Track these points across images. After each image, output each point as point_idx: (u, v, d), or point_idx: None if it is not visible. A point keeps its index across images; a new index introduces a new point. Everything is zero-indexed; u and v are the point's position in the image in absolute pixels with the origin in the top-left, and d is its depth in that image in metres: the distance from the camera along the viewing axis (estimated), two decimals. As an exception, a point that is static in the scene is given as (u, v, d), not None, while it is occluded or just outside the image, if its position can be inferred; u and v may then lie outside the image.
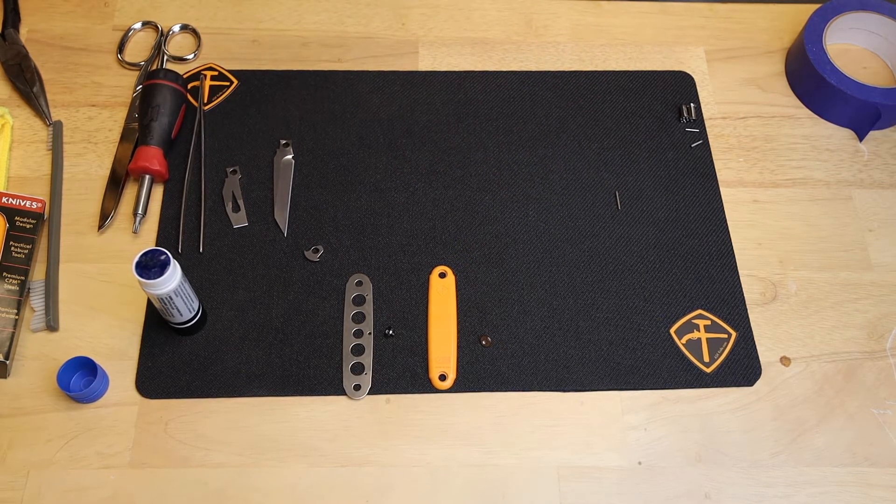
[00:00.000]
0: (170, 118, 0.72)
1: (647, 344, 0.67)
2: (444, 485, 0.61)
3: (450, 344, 0.66)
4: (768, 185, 0.75)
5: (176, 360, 0.65)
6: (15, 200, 0.68)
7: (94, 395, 0.63)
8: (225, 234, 0.71)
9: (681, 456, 0.63)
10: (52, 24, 0.82)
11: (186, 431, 0.62)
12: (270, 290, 0.68)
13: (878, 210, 0.75)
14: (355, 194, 0.73)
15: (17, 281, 0.66)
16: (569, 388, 0.65)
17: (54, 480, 0.60)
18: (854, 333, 0.68)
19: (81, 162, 0.74)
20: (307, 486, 0.61)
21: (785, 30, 0.85)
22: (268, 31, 0.82)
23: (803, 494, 0.62)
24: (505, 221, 0.72)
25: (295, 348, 0.66)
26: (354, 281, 0.69)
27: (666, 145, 0.77)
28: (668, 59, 0.82)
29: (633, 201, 0.74)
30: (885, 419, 0.65)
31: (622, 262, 0.71)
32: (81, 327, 0.66)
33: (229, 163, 0.74)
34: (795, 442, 0.64)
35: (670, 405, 0.65)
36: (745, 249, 0.72)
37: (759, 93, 0.81)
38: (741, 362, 0.66)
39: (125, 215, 0.71)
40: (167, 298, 0.59)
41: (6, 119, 0.74)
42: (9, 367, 0.63)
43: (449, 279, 0.69)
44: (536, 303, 0.68)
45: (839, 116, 0.79)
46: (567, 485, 0.61)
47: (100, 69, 0.79)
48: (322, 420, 0.63)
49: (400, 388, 0.65)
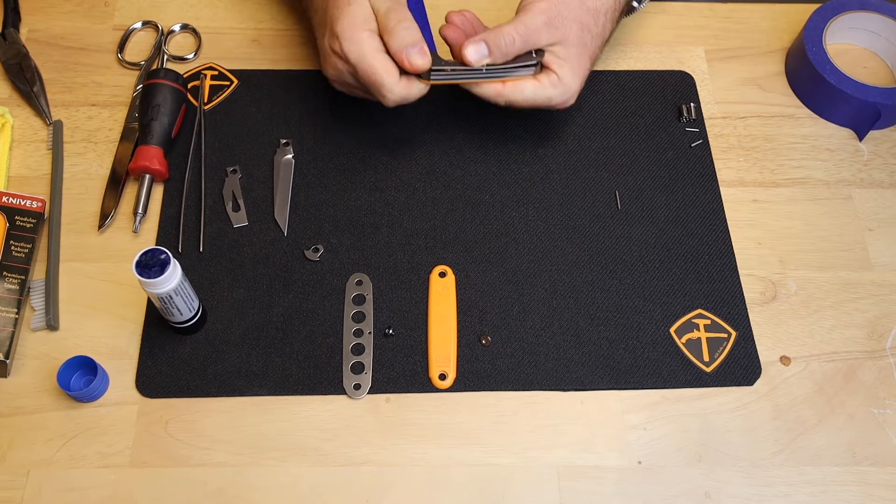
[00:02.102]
0: (170, 118, 0.73)
1: (647, 343, 0.67)
2: (444, 484, 0.61)
3: (450, 343, 0.66)
4: (768, 185, 0.76)
5: (176, 360, 0.65)
6: (15, 200, 0.68)
7: (94, 395, 0.63)
8: (225, 233, 0.71)
9: (681, 455, 0.63)
10: (52, 23, 0.82)
11: (186, 430, 0.62)
12: (270, 289, 0.68)
13: (878, 210, 0.75)
14: (355, 194, 0.73)
15: (17, 280, 0.66)
16: (568, 388, 0.65)
17: (54, 479, 0.60)
18: (854, 333, 0.68)
19: (81, 161, 0.74)
20: (307, 485, 0.61)
21: (785, 30, 0.85)
22: (268, 31, 0.82)
23: (803, 494, 0.62)
24: (505, 221, 0.72)
25: (295, 347, 0.66)
26: (354, 280, 0.69)
27: (666, 145, 0.77)
28: (667, 58, 0.82)
29: (633, 201, 0.74)
30: (884, 419, 0.65)
31: (622, 262, 0.71)
32: (81, 326, 0.66)
33: (229, 162, 0.74)
34: (795, 441, 0.64)
35: (670, 404, 0.65)
36: (744, 249, 0.72)
37: (759, 92, 0.81)
38: (741, 362, 0.66)
39: (125, 215, 0.71)
40: (167, 297, 0.59)
41: (6, 119, 0.74)
42: (9, 367, 0.63)
43: (449, 279, 0.69)
44: (536, 302, 0.68)
45: (839, 116, 0.79)
46: (567, 484, 0.61)
47: (100, 69, 0.79)
48: (322, 419, 0.63)
49: (400, 388, 0.65)
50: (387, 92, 0.66)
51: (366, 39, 0.65)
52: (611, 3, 0.71)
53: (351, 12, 0.65)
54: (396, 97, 0.66)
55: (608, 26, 0.71)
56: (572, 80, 0.69)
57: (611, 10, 0.71)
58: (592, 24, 0.69)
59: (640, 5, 0.77)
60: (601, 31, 0.70)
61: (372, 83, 0.65)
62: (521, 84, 0.68)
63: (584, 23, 0.68)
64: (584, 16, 0.68)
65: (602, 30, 0.70)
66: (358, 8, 0.66)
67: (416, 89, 0.67)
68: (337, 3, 0.66)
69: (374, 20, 0.66)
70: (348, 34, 0.65)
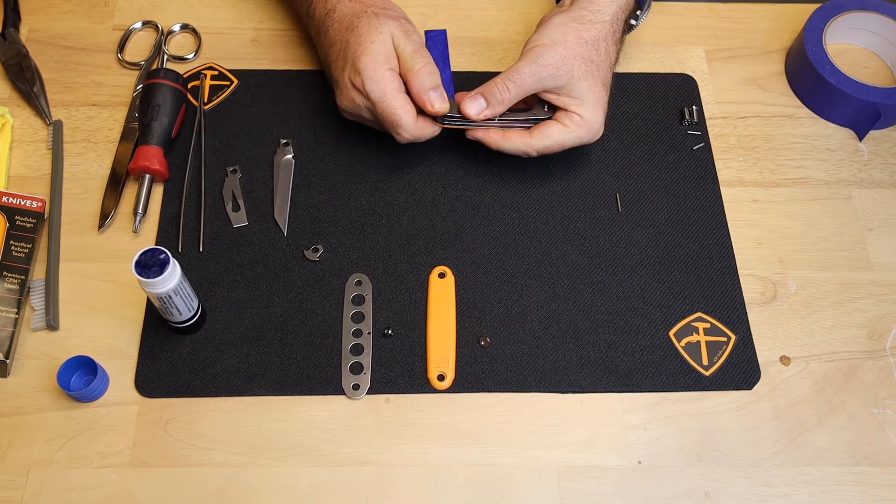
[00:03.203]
0: (170, 118, 0.73)
1: (647, 346, 0.67)
2: (444, 484, 0.61)
3: (449, 344, 0.66)
4: (768, 185, 0.75)
5: (175, 360, 0.65)
6: (15, 200, 0.68)
7: (94, 395, 0.63)
8: (225, 233, 0.71)
9: (681, 455, 0.63)
10: (52, 23, 0.82)
11: (186, 430, 0.62)
12: (270, 289, 0.68)
13: (878, 210, 0.75)
14: (355, 194, 0.73)
15: (17, 280, 0.66)
16: (567, 390, 0.65)
17: (54, 479, 0.60)
18: (854, 333, 0.68)
19: (81, 161, 0.74)
20: (307, 485, 0.61)
21: (785, 30, 0.85)
22: (268, 31, 0.82)
23: (803, 494, 0.62)
24: (505, 222, 0.72)
25: (294, 347, 0.66)
26: (354, 280, 0.69)
27: (667, 148, 0.77)
28: (667, 58, 0.82)
29: (634, 203, 0.74)
30: (884, 419, 0.65)
31: (622, 264, 0.71)
32: (81, 326, 0.66)
33: (229, 162, 0.74)
34: (795, 441, 0.64)
35: (670, 405, 0.65)
36: (744, 249, 0.72)
37: (759, 92, 0.81)
38: (740, 366, 0.66)
39: (125, 214, 0.71)
40: (166, 297, 0.59)
41: (6, 119, 0.74)
42: (9, 367, 0.63)
43: (448, 279, 0.69)
44: (536, 304, 0.68)
45: (839, 116, 0.79)
46: (567, 484, 0.61)
47: (100, 69, 0.79)
48: (321, 419, 0.63)
49: (398, 388, 0.65)
50: (402, 131, 0.68)
51: (388, 79, 0.66)
52: (608, 29, 0.70)
53: (374, 50, 0.66)
54: (410, 136, 0.68)
55: (611, 50, 0.71)
56: (593, 114, 0.69)
57: (609, 34, 0.71)
58: (594, 54, 0.69)
59: (638, 22, 0.77)
60: (606, 57, 0.70)
61: (390, 122, 0.67)
62: (547, 131, 0.69)
63: (585, 56, 0.68)
64: (583, 50, 0.68)
65: (606, 55, 0.70)
66: (380, 46, 0.66)
67: (430, 131, 0.69)
68: (360, 39, 0.67)
69: (396, 58, 0.67)
70: (371, 72, 0.66)
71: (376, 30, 0.67)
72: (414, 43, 0.68)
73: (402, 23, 0.69)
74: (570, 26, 0.69)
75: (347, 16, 0.69)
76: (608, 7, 0.71)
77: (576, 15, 0.70)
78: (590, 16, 0.70)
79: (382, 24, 0.67)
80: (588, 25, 0.69)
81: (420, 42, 0.69)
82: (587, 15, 0.70)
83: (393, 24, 0.68)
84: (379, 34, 0.67)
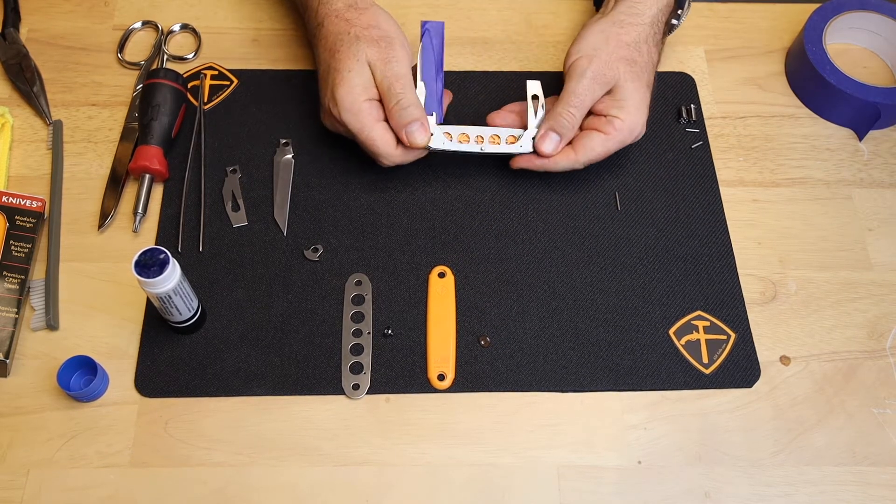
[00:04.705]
0: (170, 117, 0.73)
1: (646, 345, 0.67)
2: (444, 484, 0.61)
3: (448, 344, 0.66)
4: (768, 185, 0.75)
5: (175, 359, 0.65)
6: (15, 199, 0.68)
7: (94, 394, 0.63)
8: (225, 233, 0.71)
9: (681, 455, 0.63)
10: (52, 23, 0.82)
11: (186, 430, 0.62)
12: (270, 289, 0.68)
13: (878, 209, 0.75)
14: (355, 194, 0.73)
15: (17, 280, 0.66)
16: (567, 389, 0.65)
17: (54, 479, 0.60)
18: (854, 333, 0.68)
19: (81, 161, 0.74)
20: (307, 485, 0.61)
21: (785, 30, 0.85)
22: (268, 31, 0.82)
23: (803, 494, 0.62)
24: (504, 222, 0.72)
25: (294, 347, 0.66)
26: (354, 280, 0.69)
27: (666, 146, 0.77)
28: (667, 58, 0.82)
29: (633, 202, 0.74)
30: (884, 419, 0.65)
31: (622, 263, 0.71)
32: (81, 326, 0.66)
33: (229, 162, 0.74)
34: (795, 441, 0.64)
35: (670, 404, 0.65)
36: (744, 249, 0.72)
37: (759, 92, 0.81)
38: (740, 364, 0.66)
39: (125, 214, 0.71)
40: (166, 297, 0.59)
41: (6, 118, 0.74)
42: (9, 366, 0.64)
43: (448, 279, 0.69)
44: (535, 303, 0.68)
45: (839, 116, 0.79)
46: (567, 484, 0.61)
47: (100, 69, 0.79)
48: (321, 419, 0.63)
49: (398, 388, 0.65)
50: (383, 159, 0.68)
51: (365, 111, 0.66)
52: (648, 30, 0.70)
53: (350, 80, 0.65)
54: (392, 163, 0.69)
55: (653, 51, 0.71)
56: (636, 115, 0.69)
57: (650, 36, 0.71)
58: (637, 55, 0.69)
59: (679, 21, 0.76)
60: (648, 59, 0.70)
61: (370, 151, 0.68)
62: (590, 143, 0.69)
63: (628, 58, 0.68)
64: (625, 52, 0.68)
65: (649, 57, 0.70)
66: (357, 77, 0.66)
67: (413, 155, 0.69)
68: (338, 66, 0.66)
69: (374, 87, 0.66)
70: (347, 104, 0.65)
71: (354, 57, 0.66)
72: (392, 70, 0.66)
73: (381, 47, 0.66)
74: (609, 32, 0.69)
75: (332, 34, 0.68)
76: (648, 10, 0.71)
77: (615, 19, 0.70)
78: (628, 19, 0.70)
79: (361, 51, 0.66)
80: (627, 28, 0.69)
81: (402, 66, 0.66)
82: (626, 18, 0.70)
83: (372, 51, 0.66)
84: (356, 62, 0.66)
